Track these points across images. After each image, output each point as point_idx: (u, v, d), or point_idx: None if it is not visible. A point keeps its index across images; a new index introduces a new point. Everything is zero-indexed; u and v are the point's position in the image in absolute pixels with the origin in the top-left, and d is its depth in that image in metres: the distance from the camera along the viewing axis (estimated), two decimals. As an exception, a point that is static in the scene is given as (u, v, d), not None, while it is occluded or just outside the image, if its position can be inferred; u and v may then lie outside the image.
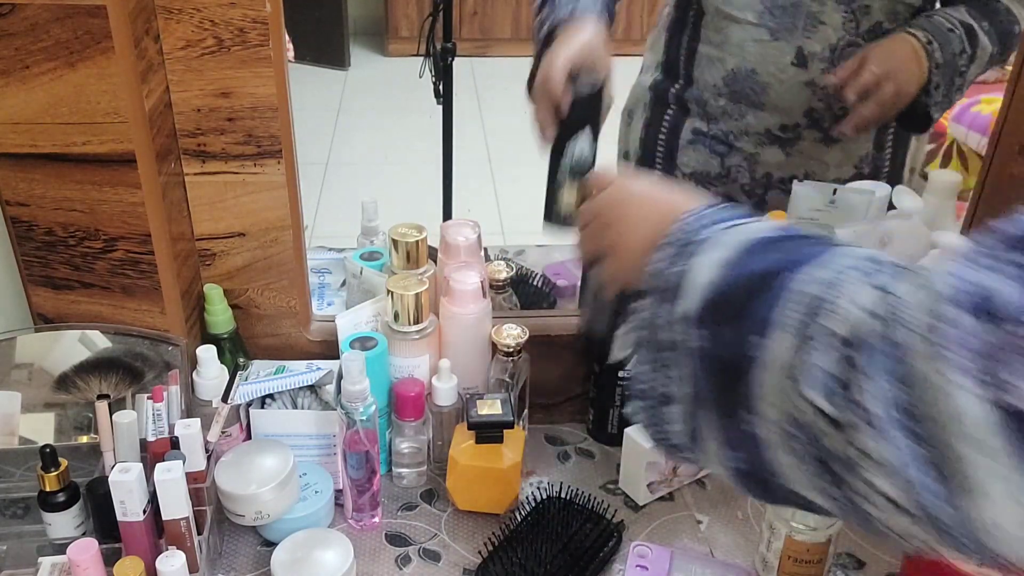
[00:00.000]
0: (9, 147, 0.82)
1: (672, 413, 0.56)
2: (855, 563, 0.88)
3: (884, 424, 0.42)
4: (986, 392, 0.39)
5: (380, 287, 0.99)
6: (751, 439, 0.50)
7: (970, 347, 0.40)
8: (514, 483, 0.90)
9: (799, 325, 0.46)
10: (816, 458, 0.46)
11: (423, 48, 2.37)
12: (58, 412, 0.88)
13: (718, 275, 0.53)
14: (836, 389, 0.44)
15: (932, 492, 0.41)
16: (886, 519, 0.45)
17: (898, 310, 0.43)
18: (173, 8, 0.82)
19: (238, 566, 0.86)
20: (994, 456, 0.39)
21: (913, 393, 0.41)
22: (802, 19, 1.10)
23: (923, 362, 0.41)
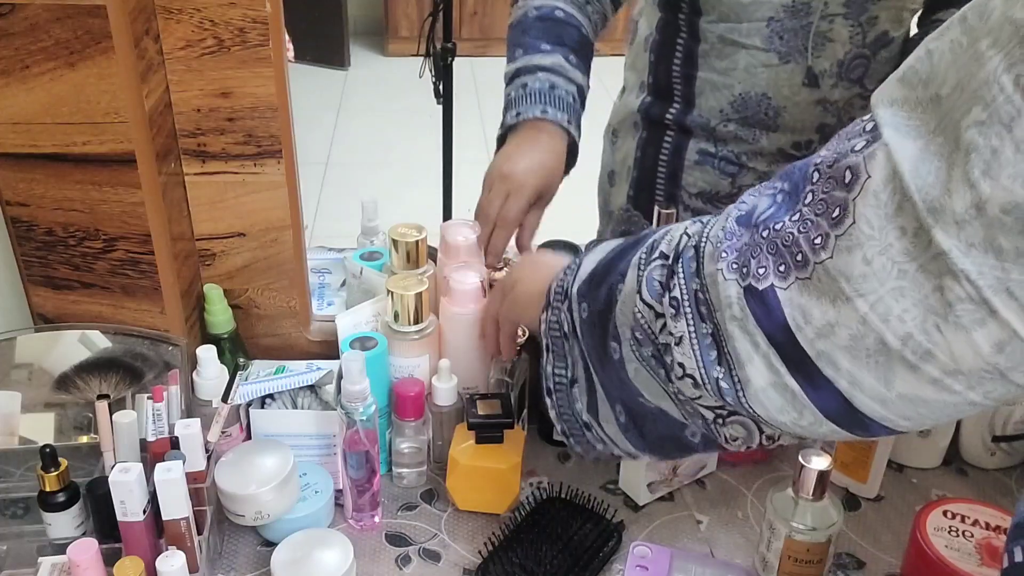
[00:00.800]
0: (9, 147, 0.82)
1: (575, 392, 0.71)
2: (855, 563, 0.88)
3: (684, 308, 0.57)
4: (739, 278, 0.54)
5: (380, 287, 0.99)
6: (618, 367, 0.64)
7: (735, 248, 0.54)
8: (514, 483, 0.90)
9: (643, 258, 0.62)
10: (653, 356, 0.60)
11: (423, 48, 2.37)
12: (58, 412, 0.88)
13: (593, 264, 0.70)
14: (660, 291, 0.59)
15: (711, 361, 0.56)
16: (685, 391, 0.59)
17: (705, 228, 0.58)
18: (173, 8, 0.82)
19: (238, 566, 0.86)
20: (744, 326, 0.53)
21: (702, 284, 0.56)
22: (810, 39, 1.09)
23: (709, 261, 0.56)
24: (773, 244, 0.52)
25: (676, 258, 0.59)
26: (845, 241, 0.48)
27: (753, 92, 1.14)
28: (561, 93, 1.05)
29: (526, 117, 1.04)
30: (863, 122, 0.51)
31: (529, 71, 1.06)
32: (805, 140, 1.18)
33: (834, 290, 0.49)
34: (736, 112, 1.16)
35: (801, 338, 0.51)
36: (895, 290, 0.47)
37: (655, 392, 0.63)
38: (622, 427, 0.68)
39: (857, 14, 1.09)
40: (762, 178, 1.21)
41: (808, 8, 1.08)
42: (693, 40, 1.15)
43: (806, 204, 0.51)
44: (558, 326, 0.72)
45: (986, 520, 0.82)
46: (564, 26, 1.09)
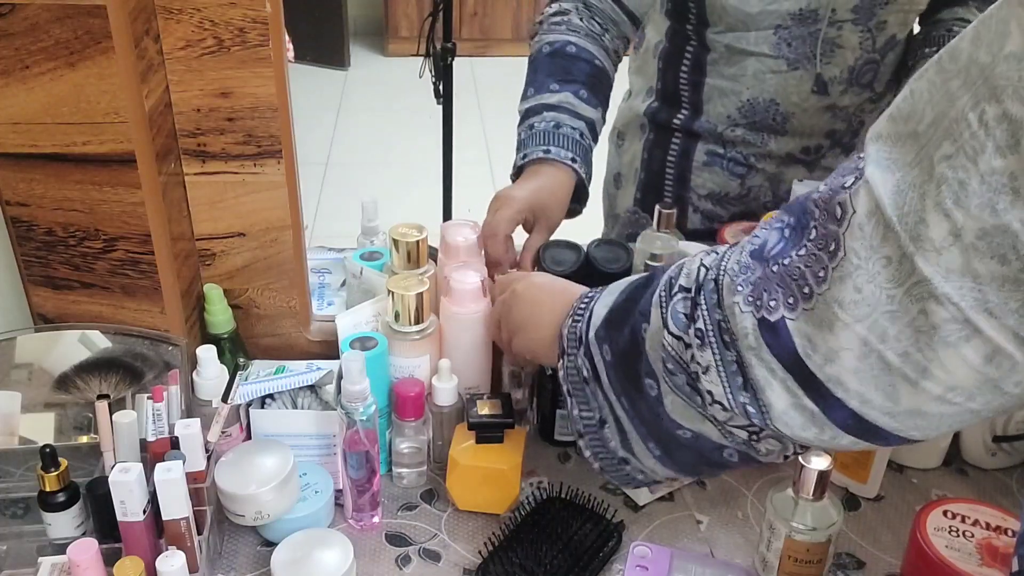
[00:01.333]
0: (9, 147, 0.82)
1: (607, 432, 0.73)
2: (855, 563, 0.88)
3: (708, 338, 0.60)
4: (754, 310, 0.57)
5: (380, 287, 0.99)
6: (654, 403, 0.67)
7: (750, 281, 0.58)
8: (514, 483, 0.90)
9: (663, 295, 0.65)
10: (688, 383, 0.63)
11: (423, 48, 2.37)
12: (58, 412, 0.88)
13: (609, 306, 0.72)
14: (685, 322, 0.62)
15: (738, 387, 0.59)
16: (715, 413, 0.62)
17: (722, 262, 0.61)
18: (173, 8, 0.82)
19: (238, 566, 0.86)
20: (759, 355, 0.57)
21: (724, 316, 0.59)
22: (819, 46, 1.09)
23: (728, 293, 0.59)
24: (782, 278, 0.56)
25: (698, 290, 0.62)
26: (838, 272, 0.52)
27: (761, 98, 1.14)
28: (566, 131, 1.06)
29: (531, 158, 1.06)
30: (857, 160, 0.54)
31: (536, 112, 1.08)
32: (815, 145, 1.18)
33: (832, 318, 0.53)
34: (744, 118, 1.16)
35: (811, 365, 0.55)
36: (887, 314, 0.51)
37: (693, 418, 0.66)
38: (658, 459, 0.71)
39: (866, 19, 1.09)
40: (771, 179, 1.22)
41: (816, 15, 1.08)
42: (702, 48, 1.15)
43: (810, 239, 0.55)
44: (576, 372, 0.74)
45: (986, 520, 0.82)
46: (575, 61, 1.10)
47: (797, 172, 1.19)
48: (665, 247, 1.00)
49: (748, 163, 1.20)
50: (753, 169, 1.20)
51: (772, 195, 1.22)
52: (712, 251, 0.65)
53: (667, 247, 1.00)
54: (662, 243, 1.00)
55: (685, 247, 1.03)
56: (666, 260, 1.00)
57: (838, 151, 1.19)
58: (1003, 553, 0.79)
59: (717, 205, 1.24)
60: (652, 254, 1.00)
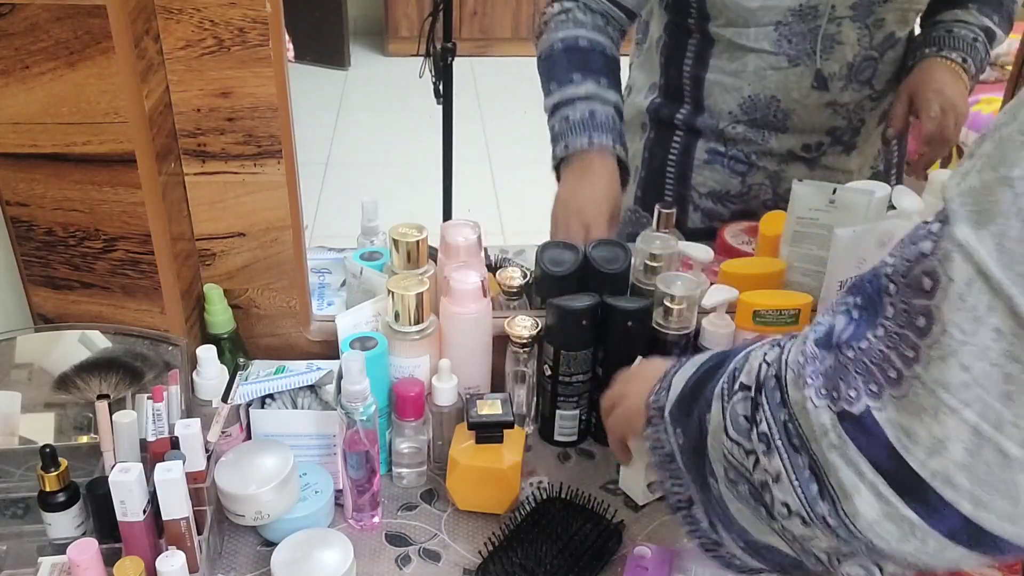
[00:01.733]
0: (9, 147, 0.82)
1: (696, 512, 0.67)
2: (855, 563, 0.88)
3: (775, 442, 0.54)
4: (830, 403, 0.50)
5: (380, 287, 0.99)
6: (720, 502, 0.62)
7: (819, 372, 0.52)
8: (514, 483, 0.90)
9: (726, 389, 0.59)
10: (751, 494, 0.57)
11: (423, 48, 2.37)
12: (58, 412, 0.88)
13: (683, 384, 0.68)
14: (747, 425, 0.56)
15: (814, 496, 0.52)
16: (795, 530, 0.55)
17: (783, 355, 0.55)
18: (173, 8, 0.82)
19: (238, 566, 0.86)
20: (845, 454, 0.50)
21: (790, 414, 0.53)
22: (819, 42, 1.10)
23: (794, 389, 0.53)
24: (860, 363, 0.50)
25: (759, 389, 0.56)
26: (937, 351, 0.46)
27: (762, 94, 1.14)
28: (601, 118, 1.09)
29: (575, 148, 1.08)
30: (927, 224, 0.49)
31: (568, 103, 1.10)
32: (815, 142, 1.18)
33: (935, 403, 0.46)
34: (745, 114, 1.16)
35: (911, 460, 0.47)
36: (1003, 395, 0.44)
37: (761, 530, 0.60)
38: (746, 552, 0.64)
39: (864, 16, 1.10)
40: (772, 177, 1.22)
41: (815, 12, 1.08)
42: (704, 42, 1.16)
43: (887, 317, 0.49)
44: (660, 445, 0.69)
45: (986, 520, 0.82)
46: (589, 53, 1.13)
47: (798, 170, 1.19)
48: (665, 247, 1.00)
49: (749, 161, 1.20)
50: (754, 167, 1.20)
51: (773, 193, 1.22)
52: (775, 343, 0.59)
53: (667, 247, 1.00)
54: (661, 243, 1.00)
55: (685, 247, 1.03)
56: (665, 260, 1.00)
57: (839, 149, 1.19)
58: (1003, 553, 0.79)
59: (718, 203, 1.24)
60: (652, 254, 1.00)
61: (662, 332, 0.96)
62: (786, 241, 1.07)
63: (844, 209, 1.02)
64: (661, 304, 0.96)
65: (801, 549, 0.57)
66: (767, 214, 1.13)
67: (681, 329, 0.96)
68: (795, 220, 1.05)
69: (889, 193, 1.05)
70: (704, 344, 0.98)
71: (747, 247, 1.17)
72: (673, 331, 0.96)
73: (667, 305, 0.96)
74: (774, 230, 1.09)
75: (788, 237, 1.07)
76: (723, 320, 0.97)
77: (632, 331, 0.95)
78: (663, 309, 0.96)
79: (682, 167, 1.24)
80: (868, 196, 1.02)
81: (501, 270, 1.05)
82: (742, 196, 1.23)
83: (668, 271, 0.99)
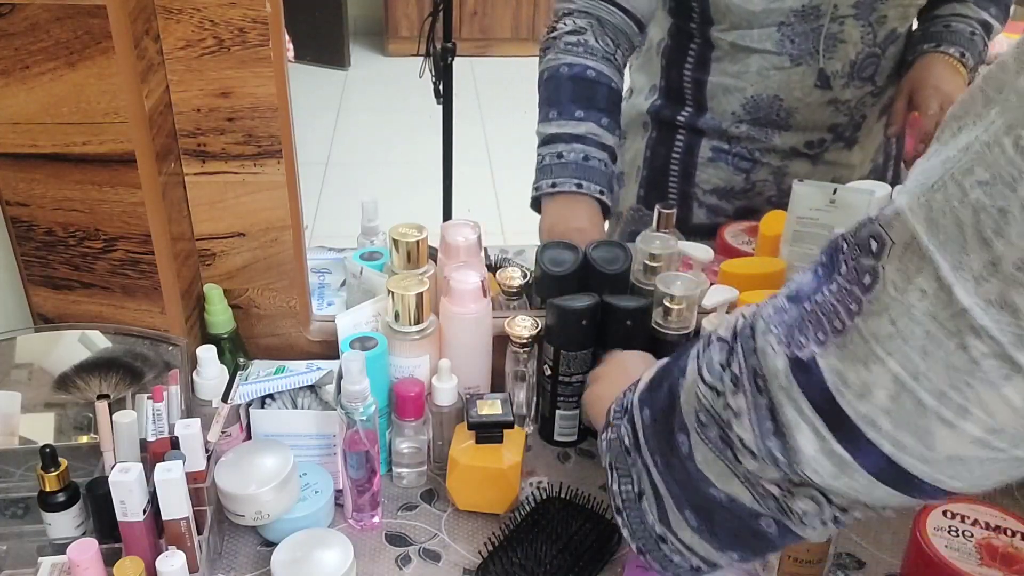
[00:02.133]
0: (9, 147, 0.82)
1: (645, 505, 0.70)
2: (855, 563, 0.88)
3: (743, 383, 0.58)
4: (785, 349, 0.55)
5: (380, 287, 0.99)
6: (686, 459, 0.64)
7: (783, 321, 0.56)
8: (514, 483, 0.90)
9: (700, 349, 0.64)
10: (720, 437, 0.61)
11: (423, 48, 2.37)
12: (58, 412, 0.88)
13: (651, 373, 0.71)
14: (720, 370, 0.60)
15: (768, 431, 0.57)
16: (748, 466, 0.60)
17: (759, 309, 0.59)
18: (173, 8, 0.82)
19: (238, 566, 0.86)
20: (790, 394, 0.55)
21: (757, 360, 0.57)
22: (822, 42, 1.10)
23: (761, 337, 0.57)
24: (814, 315, 0.54)
25: (734, 337, 0.61)
26: (875, 305, 0.50)
27: (765, 94, 1.14)
28: (594, 163, 1.10)
29: (562, 190, 1.09)
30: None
31: (563, 140, 1.11)
32: (818, 139, 1.18)
33: (866, 352, 0.51)
34: (748, 114, 1.17)
35: (842, 402, 0.53)
36: (921, 349, 0.49)
37: (724, 476, 0.63)
38: (695, 530, 0.68)
39: (867, 14, 1.10)
40: (776, 173, 1.23)
41: (818, 11, 1.08)
42: (705, 46, 1.16)
43: (840, 274, 0.53)
44: (619, 441, 0.73)
45: (986, 520, 0.82)
46: (595, 86, 1.13)
47: (801, 166, 1.20)
48: (664, 247, 1.00)
49: (753, 158, 1.20)
50: (758, 163, 1.21)
51: (777, 189, 1.22)
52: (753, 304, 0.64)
53: (666, 247, 1.00)
54: (661, 243, 1.00)
55: (685, 247, 1.03)
56: (665, 260, 1.00)
57: (840, 145, 1.20)
58: (1003, 553, 0.79)
59: (722, 200, 1.24)
60: (651, 254, 1.00)
61: (662, 332, 0.96)
62: (786, 241, 1.07)
63: (844, 209, 1.02)
64: (661, 304, 0.96)
65: (761, 491, 0.61)
66: (767, 214, 1.13)
67: (681, 329, 0.96)
68: (795, 220, 1.05)
69: (889, 193, 1.05)
70: None
71: (747, 247, 1.17)
72: (673, 331, 0.96)
73: (667, 305, 0.96)
74: (774, 230, 1.09)
75: (788, 237, 1.07)
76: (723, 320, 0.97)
77: (631, 330, 0.95)
78: (663, 309, 0.96)
79: (686, 165, 1.24)
80: (868, 196, 1.02)
81: (501, 270, 1.05)
82: (746, 192, 1.23)
83: (668, 271, 0.99)
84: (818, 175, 1.20)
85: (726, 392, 0.60)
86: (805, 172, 1.19)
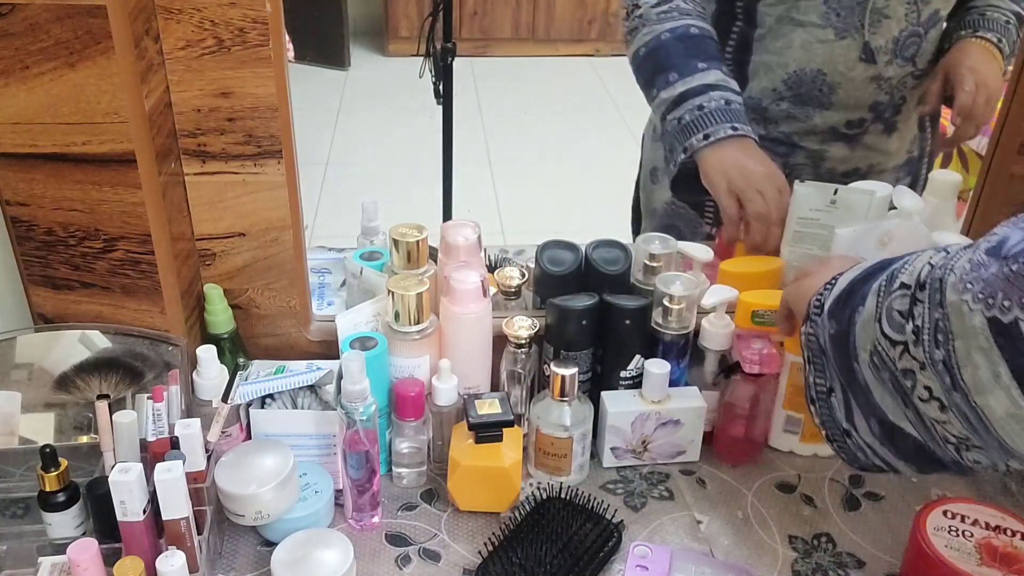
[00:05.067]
0: (9, 147, 0.82)
1: (834, 402, 0.73)
2: (855, 563, 0.88)
3: (923, 335, 0.58)
4: (984, 308, 0.54)
5: (380, 287, 0.99)
6: (865, 389, 0.67)
7: (982, 278, 0.54)
8: (515, 481, 0.90)
9: (884, 286, 0.64)
10: (892, 380, 0.62)
11: (423, 48, 2.37)
12: (58, 412, 0.88)
13: (845, 283, 0.72)
14: (901, 320, 0.60)
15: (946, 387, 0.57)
16: (931, 414, 0.60)
17: (950, 260, 0.58)
18: (173, 8, 0.82)
19: (238, 566, 0.86)
20: (989, 356, 0.54)
21: (944, 314, 0.56)
22: (867, 15, 1.11)
23: (952, 291, 0.56)
24: (1021, 278, 0.52)
25: (920, 286, 0.59)
26: None
27: (808, 68, 1.15)
28: (736, 107, 1.09)
29: (718, 137, 1.07)
30: None
31: (697, 92, 1.09)
32: (858, 118, 1.18)
33: None
34: (790, 90, 1.17)
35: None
36: None
37: (896, 413, 0.65)
38: (877, 438, 0.69)
39: None
40: (814, 157, 1.22)
41: None
42: (749, 26, 1.17)
43: None
44: (815, 339, 0.73)
45: (986, 520, 0.82)
46: (704, 40, 1.12)
47: (839, 149, 1.20)
48: (664, 247, 1.00)
49: (791, 142, 1.20)
50: (796, 148, 1.21)
51: (813, 174, 1.22)
52: (943, 249, 0.62)
53: (666, 247, 1.00)
54: (661, 243, 1.00)
55: (684, 247, 1.03)
56: (665, 260, 1.00)
57: (880, 127, 1.19)
58: (1003, 553, 0.79)
59: None
60: (651, 254, 1.00)
61: (661, 332, 0.96)
62: (786, 241, 1.07)
63: (845, 209, 1.02)
64: (660, 304, 0.96)
65: (930, 436, 0.61)
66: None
67: (680, 329, 0.96)
68: (796, 220, 1.05)
69: (890, 193, 1.05)
70: (704, 344, 0.98)
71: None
72: (672, 331, 0.96)
73: (666, 305, 0.96)
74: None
75: (788, 237, 1.07)
76: (723, 320, 0.97)
77: (631, 330, 0.95)
78: (662, 309, 0.96)
79: None
80: (869, 196, 1.02)
81: (499, 270, 1.05)
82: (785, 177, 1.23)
83: (667, 271, 0.99)
84: (855, 160, 1.20)
85: (907, 342, 0.59)
86: (842, 156, 1.20)
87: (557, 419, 0.92)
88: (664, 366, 0.95)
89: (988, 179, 1.09)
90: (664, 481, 0.97)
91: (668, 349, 0.97)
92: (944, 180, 1.12)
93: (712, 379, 1.01)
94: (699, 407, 0.97)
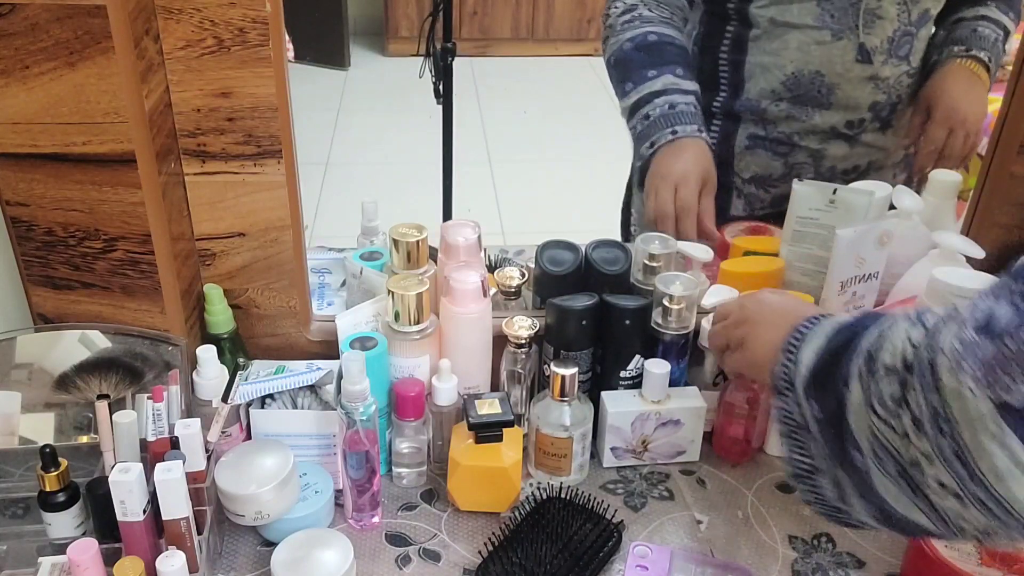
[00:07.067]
0: (9, 147, 0.82)
1: (821, 481, 0.68)
2: (855, 563, 0.88)
3: (926, 427, 0.54)
4: (989, 392, 0.51)
5: (380, 287, 0.99)
6: (864, 476, 0.62)
7: (979, 360, 0.51)
8: (515, 481, 0.90)
9: (865, 370, 0.60)
10: (898, 472, 0.58)
11: (423, 48, 2.37)
12: (58, 412, 0.88)
13: (814, 358, 0.67)
14: (896, 408, 0.56)
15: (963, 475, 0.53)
16: (945, 505, 0.56)
17: (936, 339, 0.55)
18: (173, 8, 0.82)
19: (238, 566, 0.86)
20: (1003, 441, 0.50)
21: (942, 399, 0.53)
22: (861, 16, 1.11)
23: (948, 375, 0.52)
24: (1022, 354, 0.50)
25: (908, 370, 0.56)
26: None
27: (806, 70, 1.15)
28: (681, 108, 1.11)
29: (660, 143, 1.10)
30: None
31: (646, 101, 1.12)
32: (858, 119, 1.19)
33: None
34: (788, 91, 1.17)
35: None
36: None
37: (905, 505, 0.60)
38: (879, 521, 0.65)
39: None
40: (814, 156, 1.23)
41: None
42: (743, 27, 1.17)
43: None
44: (790, 415, 0.70)
45: (986, 520, 0.82)
46: (661, 47, 1.15)
47: (839, 148, 1.20)
48: (664, 247, 1.00)
49: (791, 142, 1.21)
50: (796, 147, 1.21)
51: (815, 173, 1.22)
52: (916, 321, 0.59)
53: (666, 247, 1.00)
54: (660, 243, 1.00)
55: (684, 247, 1.03)
56: (665, 260, 1.00)
57: (878, 125, 1.20)
58: (1003, 553, 0.79)
59: (760, 188, 1.25)
60: (651, 254, 1.00)
61: (661, 332, 0.96)
62: (786, 241, 1.07)
63: (844, 209, 1.02)
64: (660, 304, 0.96)
65: (946, 527, 0.57)
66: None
67: (680, 329, 0.96)
68: (795, 220, 1.05)
69: (889, 193, 1.05)
70: (704, 344, 0.98)
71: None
72: (672, 331, 0.96)
73: (666, 305, 0.96)
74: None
75: (788, 237, 1.07)
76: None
77: (631, 330, 0.95)
78: (662, 309, 0.96)
79: (723, 156, 1.24)
80: (868, 196, 1.02)
81: (499, 270, 1.05)
82: (784, 178, 1.24)
83: (667, 271, 0.99)
84: (855, 157, 1.21)
85: (908, 433, 0.56)
86: (843, 154, 1.20)
87: (557, 419, 0.92)
88: (664, 366, 0.95)
89: (988, 179, 1.09)
90: (664, 481, 0.97)
91: (668, 349, 0.97)
92: (944, 180, 1.12)
93: (712, 379, 1.01)
94: (699, 407, 0.97)
